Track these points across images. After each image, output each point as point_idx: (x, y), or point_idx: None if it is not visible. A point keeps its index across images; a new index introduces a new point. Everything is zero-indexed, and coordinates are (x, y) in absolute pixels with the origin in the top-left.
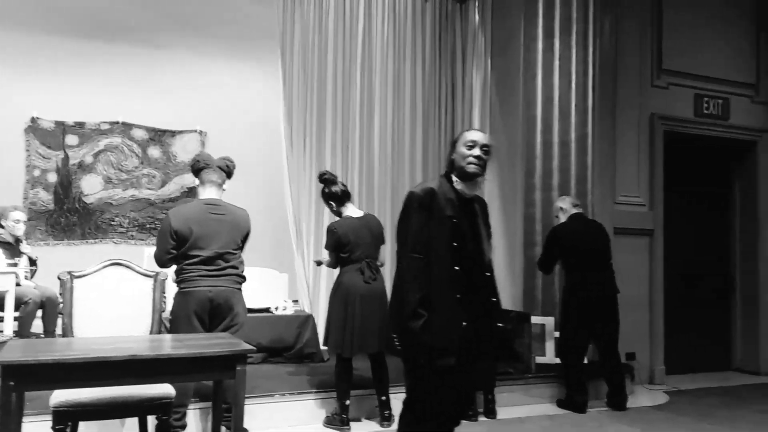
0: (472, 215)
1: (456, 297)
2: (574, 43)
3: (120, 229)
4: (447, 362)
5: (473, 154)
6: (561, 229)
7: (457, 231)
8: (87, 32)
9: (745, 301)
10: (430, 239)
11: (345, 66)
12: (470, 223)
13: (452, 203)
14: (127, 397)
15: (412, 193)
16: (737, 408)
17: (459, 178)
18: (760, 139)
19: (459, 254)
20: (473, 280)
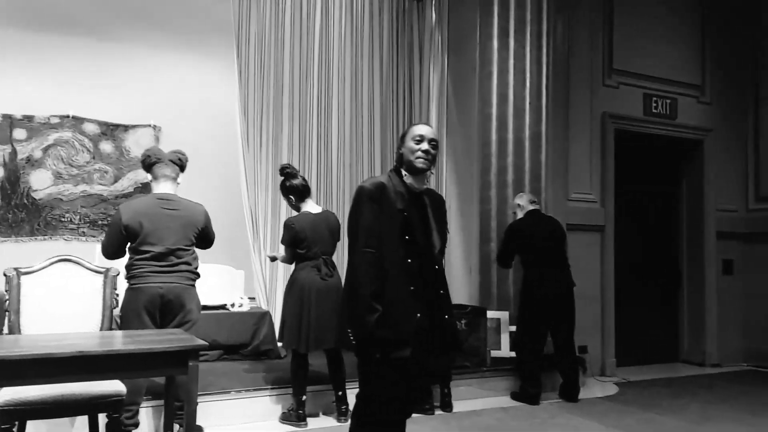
0: (422, 208)
1: (410, 289)
2: (528, 43)
3: (71, 226)
4: (402, 354)
5: (421, 148)
6: (518, 225)
7: (408, 224)
8: (37, 24)
9: (691, 295)
10: (382, 233)
11: (302, 62)
12: (420, 216)
13: (402, 197)
14: (76, 395)
15: (361, 187)
16: (682, 398)
17: (408, 172)
18: (706, 138)
19: (411, 247)
20: (424, 273)
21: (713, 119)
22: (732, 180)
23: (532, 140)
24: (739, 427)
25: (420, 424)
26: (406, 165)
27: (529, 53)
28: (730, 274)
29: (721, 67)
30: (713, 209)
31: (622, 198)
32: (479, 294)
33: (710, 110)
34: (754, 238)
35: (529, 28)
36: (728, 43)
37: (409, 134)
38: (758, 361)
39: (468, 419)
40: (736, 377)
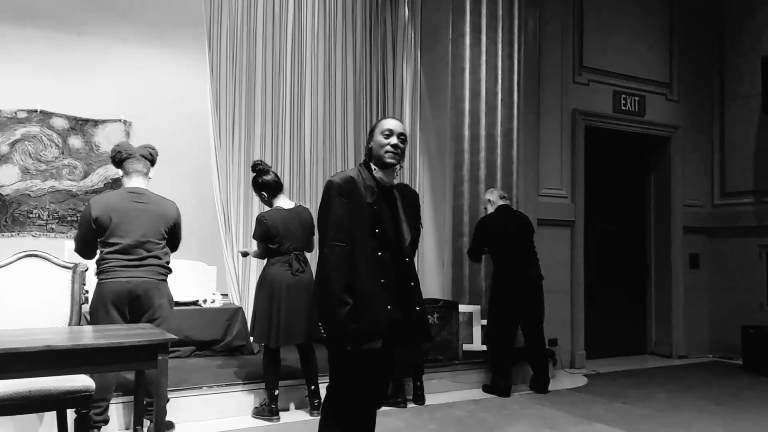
0: (392, 202)
1: (380, 282)
2: (500, 40)
3: (39, 222)
4: (373, 346)
5: (390, 143)
6: (489, 220)
7: (378, 218)
8: (3, 17)
9: (658, 289)
10: (353, 226)
11: (275, 57)
12: (391, 210)
13: (372, 191)
14: (44, 390)
15: (330, 182)
16: (649, 388)
17: (377, 166)
18: (673, 135)
19: (381, 240)
20: (395, 266)
21: (680, 116)
22: (698, 176)
23: (504, 136)
24: (703, 415)
25: (393, 417)
26: (375, 159)
27: (501, 50)
28: (696, 268)
29: (689, 65)
30: (680, 204)
31: (591, 193)
32: (452, 288)
33: (678, 108)
34: (719, 233)
35: (501, 25)
36: (696, 41)
37: (378, 128)
38: (723, 352)
39: (440, 411)
40: (702, 368)
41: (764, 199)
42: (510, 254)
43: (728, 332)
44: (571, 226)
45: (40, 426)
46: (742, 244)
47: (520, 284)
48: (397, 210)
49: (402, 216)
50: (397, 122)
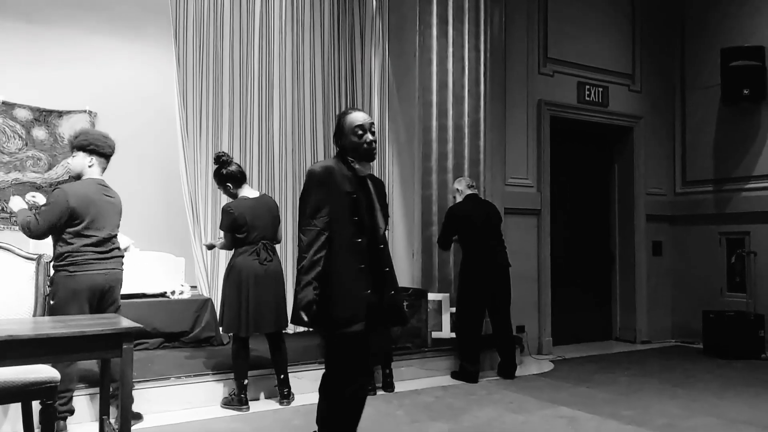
0: (367, 191)
1: (359, 267)
2: (467, 31)
3: (2, 215)
4: (357, 329)
5: (367, 140)
6: (457, 209)
7: (356, 206)
8: None
9: (622, 276)
10: (331, 214)
11: (242, 48)
12: (366, 198)
13: (349, 180)
14: (8, 382)
15: (311, 170)
16: (612, 372)
17: (356, 159)
18: (636, 125)
19: (359, 227)
20: (371, 252)
21: (643, 107)
22: (660, 165)
23: (471, 127)
24: (663, 397)
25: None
26: (351, 152)
27: (468, 41)
28: (659, 255)
29: (651, 57)
30: (643, 193)
31: (557, 182)
32: (421, 277)
33: (640, 98)
34: (681, 220)
35: (468, 17)
36: (658, 34)
37: (348, 126)
38: (685, 337)
39: (408, 398)
40: (664, 352)
41: (724, 187)
42: (477, 243)
43: (690, 317)
44: (538, 215)
45: (5, 419)
46: (703, 232)
47: (488, 272)
48: (372, 198)
49: (376, 204)
50: (364, 114)
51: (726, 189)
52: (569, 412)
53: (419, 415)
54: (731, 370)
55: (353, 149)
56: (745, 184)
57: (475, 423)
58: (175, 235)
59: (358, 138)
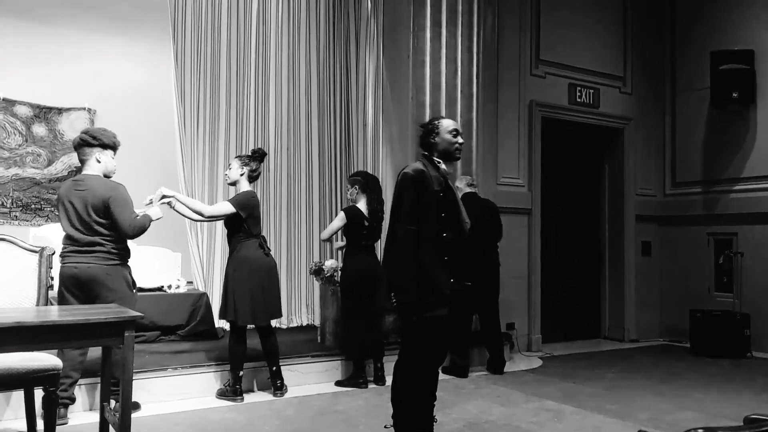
0: (451, 189)
1: (444, 259)
2: (460, 33)
3: (2, 210)
4: (441, 313)
5: (458, 141)
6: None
7: (444, 203)
8: None
9: (612, 275)
10: (422, 211)
11: (239, 47)
12: (452, 196)
13: (438, 180)
14: (12, 369)
15: (406, 173)
16: (598, 369)
17: (444, 159)
18: (627, 126)
19: (445, 223)
20: (455, 245)
21: (633, 109)
22: (650, 166)
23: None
24: (647, 393)
25: (353, 397)
26: (441, 153)
27: (461, 43)
28: (648, 255)
29: (642, 59)
30: (633, 194)
31: (548, 182)
32: None
33: (631, 100)
34: (670, 221)
35: (461, 19)
36: (648, 37)
37: (443, 128)
38: (672, 336)
39: None
40: (652, 351)
41: (712, 188)
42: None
43: (677, 316)
44: (528, 214)
45: (7, 406)
46: (691, 232)
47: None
48: (456, 196)
49: (460, 202)
50: (454, 121)
51: (714, 190)
52: (555, 405)
53: None
54: (717, 367)
55: (444, 150)
56: (733, 186)
57: (464, 416)
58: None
59: (452, 137)
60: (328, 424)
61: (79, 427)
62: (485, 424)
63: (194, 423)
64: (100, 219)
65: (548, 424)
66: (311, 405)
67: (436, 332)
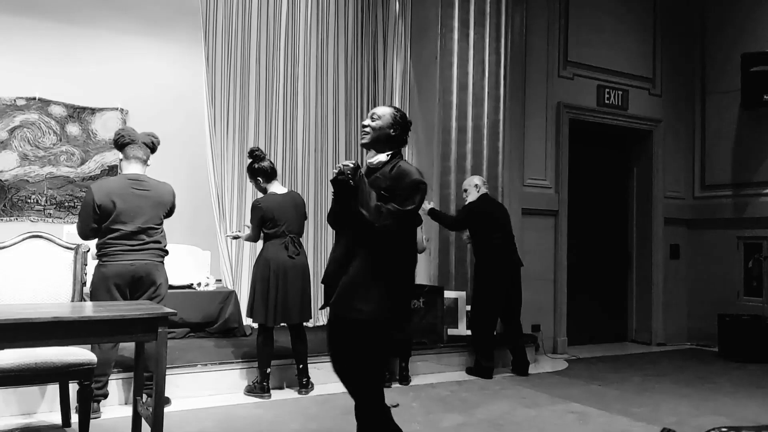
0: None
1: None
2: (488, 35)
3: (37, 207)
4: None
5: (363, 124)
6: (475, 206)
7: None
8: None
9: (639, 278)
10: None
11: (269, 48)
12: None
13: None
14: (48, 363)
15: (416, 172)
16: (625, 372)
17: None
18: (656, 128)
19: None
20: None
21: (663, 110)
22: (679, 169)
23: (491, 128)
24: (674, 397)
25: None
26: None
27: (488, 44)
28: (676, 259)
29: (671, 61)
30: (661, 196)
31: (575, 184)
32: (438, 274)
33: (660, 102)
34: (699, 224)
35: (489, 21)
36: (678, 38)
37: (408, 122)
38: (700, 340)
39: (424, 391)
40: (679, 355)
41: (742, 191)
42: (494, 242)
43: (706, 320)
44: (555, 216)
45: (42, 400)
46: (720, 236)
47: (504, 271)
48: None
49: (364, 190)
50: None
51: (744, 194)
52: (580, 407)
53: (434, 407)
54: (745, 372)
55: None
56: (763, 189)
57: (488, 416)
58: (202, 230)
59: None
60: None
61: (113, 421)
62: (510, 425)
63: (222, 418)
64: (162, 218)
65: (573, 426)
66: (336, 403)
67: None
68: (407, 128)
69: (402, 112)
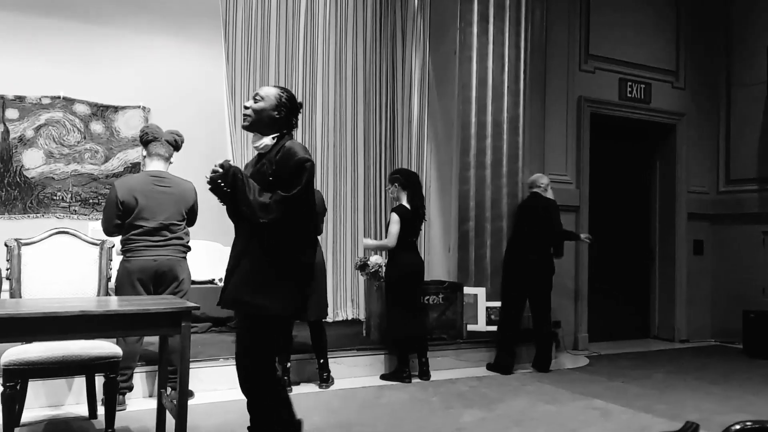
0: (250, 168)
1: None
2: (507, 29)
3: (62, 204)
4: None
5: (244, 106)
6: (523, 203)
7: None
8: (29, 7)
9: (662, 274)
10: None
11: (288, 46)
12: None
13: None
14: (75, 356)
15: (308, 158)
16: (647, 368)
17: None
18: (679, 122)
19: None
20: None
21: (686, 104)
22: (703, 163)
23: (510, 123)
24: (697, 393)
25: (398, 390)
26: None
27: (508, 38)
28: (700, 254)
29: (695, 53)
30: (685, 191)
31: (597, 179)
32: (457, 271)
33: (684, 95)
34: (723, 219)
35: (508, 14)
36: (702, 30)
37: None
38: (725, 336)
39: (443, 386)
40: (703, 351)
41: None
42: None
43: (730, 317)
44: (576, 212)
45: (70, 392)
46: (745, 231)
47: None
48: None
49: (246, 183)
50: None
51: None
52: (602, 404)
53: (454, 403)
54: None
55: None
56: None
57: (509, 412)
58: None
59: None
60: (374, 416)
61: (138, 413)
62: (530, 421)
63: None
64: (184, 215)
65: (595, 422)
66: (357, 397)
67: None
68: (295, 110)
69: (289, 93)
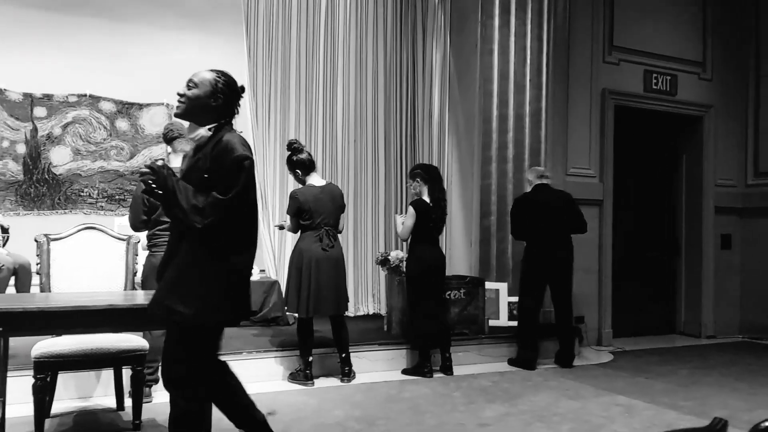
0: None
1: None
2: (529, 20)
3: (89, 200)
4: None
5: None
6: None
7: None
8: (54, 4)
9: (688, 269)
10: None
11: (309, 41)
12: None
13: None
14: (103, 349)
15: (246, 156)
16: (672, 364)
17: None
18: (706, 114)
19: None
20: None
21: (713, 95)
22: (731, 155)
23: (532, 116)
24: (723, 390)
25: (420, 385)
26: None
27: (530, 30)
28: (727, 249)
29: (722, 43)
30: (712, 184)
31: (621, 173)
32: (479, 265)
33: (711, 86)
34: (751, 213)
35: (530, 6)
36: (730, 19)
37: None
38: (753, 333)
39: (465, 381)
40: (730, 348)
41: None
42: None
43: (758, 313)
44: (600, 206)
45: (98, 384)
46: None
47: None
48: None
49: (171, 180)
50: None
51: None
52: (626, 400)
53: (476, 398)
54: None
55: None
56: None
57: (531, 407)
58: None
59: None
60: (396, 410)
61: (164, 405)
62: (554, 417)
63: (268, 404)
64: None
65: (619, 418)
66: (379, 391)
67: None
68: (236, 96)
69: (228, 77)
